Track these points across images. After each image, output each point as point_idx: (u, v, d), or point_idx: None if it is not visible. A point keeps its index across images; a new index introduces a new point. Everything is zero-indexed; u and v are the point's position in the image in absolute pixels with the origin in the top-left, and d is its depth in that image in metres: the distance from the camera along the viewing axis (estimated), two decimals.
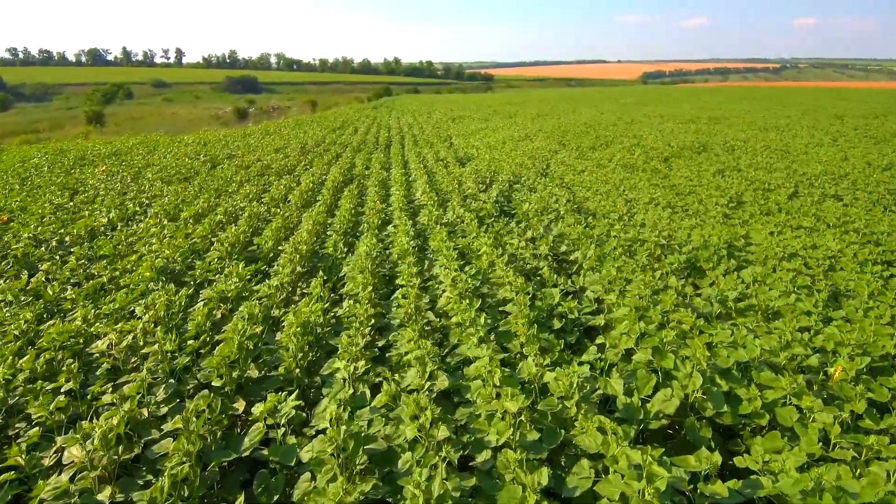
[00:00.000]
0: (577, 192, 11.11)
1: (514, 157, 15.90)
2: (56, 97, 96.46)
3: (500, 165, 14.31)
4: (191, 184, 12.67)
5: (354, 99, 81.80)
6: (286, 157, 16.80)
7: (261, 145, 19.75)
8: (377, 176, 12.88)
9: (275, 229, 8.38)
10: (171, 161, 15.63)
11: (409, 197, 11.24)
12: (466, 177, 12.26)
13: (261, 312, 5.24)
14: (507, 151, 17.26)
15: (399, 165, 14.81)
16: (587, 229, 8.04)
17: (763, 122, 26.01)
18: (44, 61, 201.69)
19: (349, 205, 9.98)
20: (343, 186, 12.66)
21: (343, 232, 8.66)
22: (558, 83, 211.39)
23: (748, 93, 69.66)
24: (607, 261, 6.59)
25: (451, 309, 5.20)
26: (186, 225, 8.99)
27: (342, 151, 18.59)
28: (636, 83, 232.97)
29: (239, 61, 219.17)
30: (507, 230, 8.50)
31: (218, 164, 15.97)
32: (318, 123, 30.89)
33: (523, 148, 18.06)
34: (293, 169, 14.80)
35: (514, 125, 27.71)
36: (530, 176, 12.70)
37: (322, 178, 13.38)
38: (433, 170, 14.34)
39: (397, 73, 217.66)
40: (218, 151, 18.39)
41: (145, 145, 21.01)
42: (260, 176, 13.39)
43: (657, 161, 14.98)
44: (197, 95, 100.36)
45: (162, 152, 18.17)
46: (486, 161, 15.18)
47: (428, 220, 8.72)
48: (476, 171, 13.12)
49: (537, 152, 16.89)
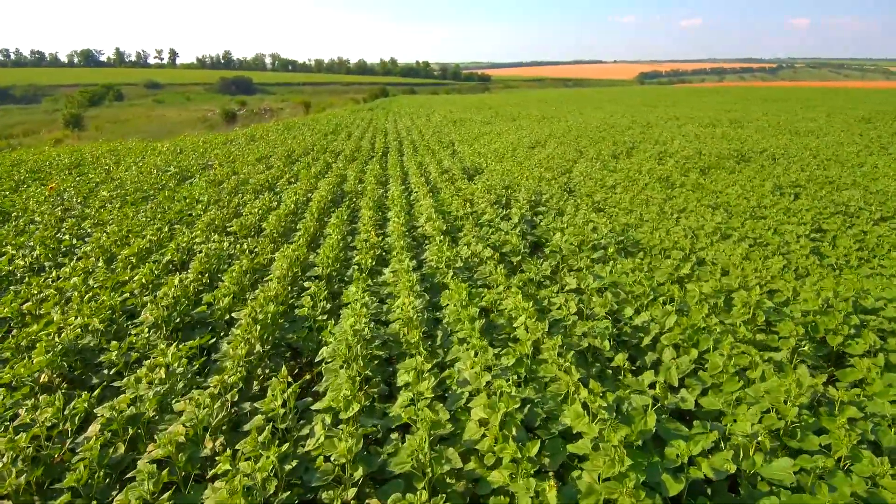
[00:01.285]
0: (615, 215, 9.12)
1: (529, 168, 13.91)
2: (46, 99, 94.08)
3: (515, 180, 12.31)
4: (151, 204, 10.64)
5: (350, 100, 79.78)
6: (268, 169, 14.77)
7: (242, 154, 17.70)
8: (372, 193, 10.88)
9: (236, 277, 6.36)
10: (135, 175, 13.57)
11: (411, 222, 9.23)
12: (479, 196, 10.25)
13: (183, 457, 3.24)
14: (520, 161, 15.26)
15: (397, 179, 12.81)
16: (651, 279, 6.03)
17: (791, 126, 24.09)
18: (36, 62, 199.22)
19: (337, 235, 7.97)
20: (331, 207, 10.65)
21: (327, 276, 6.66)
22: (556, 83, 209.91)
23: (758, 93, 67.95)
24: (701, 338, 4.60)
25: (488, 452, 3.21)
26: (126, 267, 6.97)
27: (333, 161, 16.56)
28: (633, 83, 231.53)
29: (234, 62, 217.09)
30: (541, 273, 6.49)
31: (189, 178, 13.93)
32: (310, 127, 28.84)
33: (537, 156, 16.07)
34: (275, 183, 12.77)
35: (520, 129, 25.73)
36: (553, 193, 10.71)
37: (307, 196, 11.35)
38: (437, 185, 12.33)
39: (393, 73, 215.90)
40: (193, 161, 16.34)
41: (114, 153, 18.93)
42: (233, 194, 11.36)
43: (695, 173, 13.02)
44: (188, 97, 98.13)
45: (129, 162, 16.11)
46: (497, 173, 13.17)
47: (437, 261, 6.71)
48: (489, 187, 11.12)
49: (553, 162, 14.90)
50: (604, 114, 34.53)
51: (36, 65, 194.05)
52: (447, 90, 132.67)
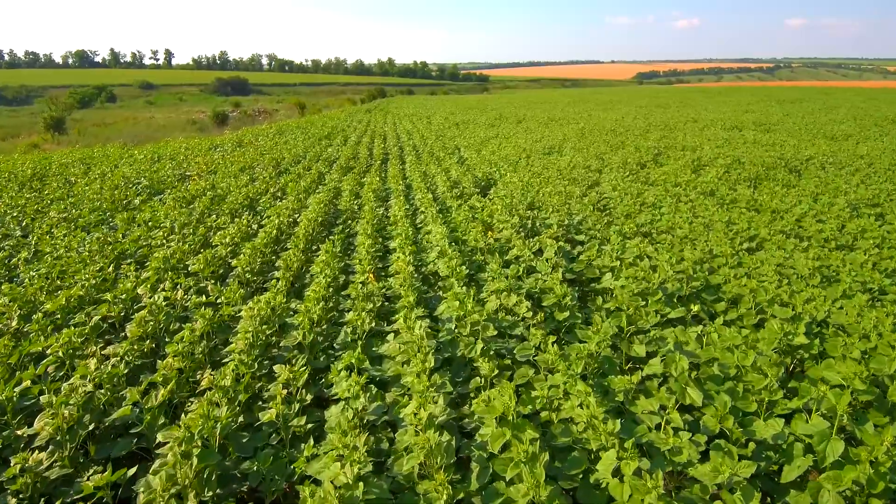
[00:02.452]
0: (672, 245, 7.37)
1: (550, 180, 12.15)
2: (37, 101, 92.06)
3: (537, 196, 10.55)
4: (104, 229, 8.86)
5: (347, 101, 78.03)
6: (252, 182, 12.98)
7: (225, 162, 15.90)
8: (371, 214, 9.11)
9: (183, 348, 4.60)
10: (97, 190, 11.77)
11: (419, 254, 7.46)
12: (499, 219, 8.47)
13: None
14: (537, 171, 13.50)
15: (400, 194, 11.03)
16: (758, 352, 4.28)
17: (821, 129, 22.39)
18: (30, 63, 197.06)
19: (326, 276, 6.21)
20: (322, 232, 8.88)
21: (310, 344, 4.90)
22: (553, 83, 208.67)
23: (771, 94, 66.40)
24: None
25: None
26: (45, 329, 5.19)
27: (327, 171, 14.78)
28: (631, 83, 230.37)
29: (230, 62, 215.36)
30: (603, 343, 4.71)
31: (161, 192, 12.14)
32: (304, 131, 27.04)
33: (555, 165, 14.31)
34: (258, 200, 10.98)
35: (529, 132, 23.99)
36: (587, 214, 8.95)
37: (294, 218, 9.58)
38: (446, 201, 10.57)
39: (391, 73, 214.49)
40: (169, 171, 14.56)
41: (86, 161, 17.13)
42: (205, 215, 9.57)
43: (744, 186, 11.29)
44: (181, 98, 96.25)
45: (97, 173, 14.31)
46: (515, 187, 11.40)
47: (459, 325, 4.93)
48: (509, 206, 9.36)
49: (575, 171, 13.15)
50: (614, 115, 32.79)
51: (30, 66, 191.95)
52: (445, 91, 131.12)
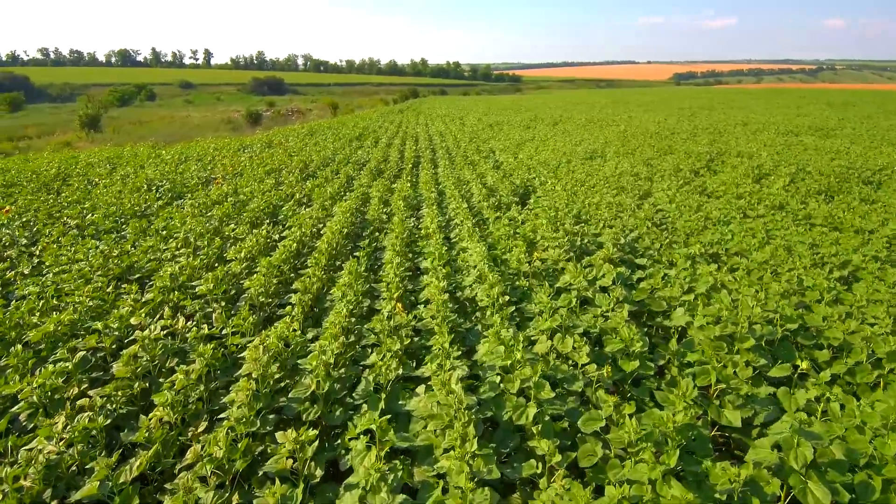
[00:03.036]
0: (750, 272, 6.31)
1: (595, 189, 11.14)
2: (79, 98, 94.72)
3: (583, 206, 9.56)
4: (113, 238, 8.24)
5: (379, 101, 77.81)
6: (277, 187, 12.31)
7: (252, 164, 15.32)
8: (401, 225, 8.26)
9: (175, 399, 3.82)
10: (116, 193, 11.26)
11: (454, 277, 6.57)
12: (544, 235, 7.52)
13: None
14: (580, 178, 12.47)
15: (432, 203, 10.18)
16: None
17: (886, 136, 20.71)
18: (74, 61, 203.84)
19: (347, 303, 5.39)
20: (347, 245, 8.08)
21: (325, 394, 4.06)
22: (588, 84, 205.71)
23: (819, 96, 63.59)
24: None
25: None
26: (24, 365, 4.49)
27: (356, 175, 14.04)
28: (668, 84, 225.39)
29: (266, 62, 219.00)
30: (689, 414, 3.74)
31: (182, 196, 11.56)
32: (335, 131, 26.48)
33: (599, 171, 13.25)
34: (280, 208, 10.26)
35: (567, 134, 22.89)
36: (643, 231, 7.93)
37: (318, 228, 8.81)
38: (483, 211, 9.66)
39: (424, 74, 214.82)
40: (194, 173, 14.03)
41: (112, 162, 16.80)
42: (223, 224, 8.88)
43: (816, 200, 10.08)
44: (218, 97, 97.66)
45: (120, 175, 13.87)
46: (558, 196, 10.43)
47: (505, 381, 4.04)
48: (554, 220, 8.40)
49: (623, 179, 12.10)
50: (656, 117, 31.34)
51: (75, 64, 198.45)
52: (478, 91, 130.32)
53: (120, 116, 47.17)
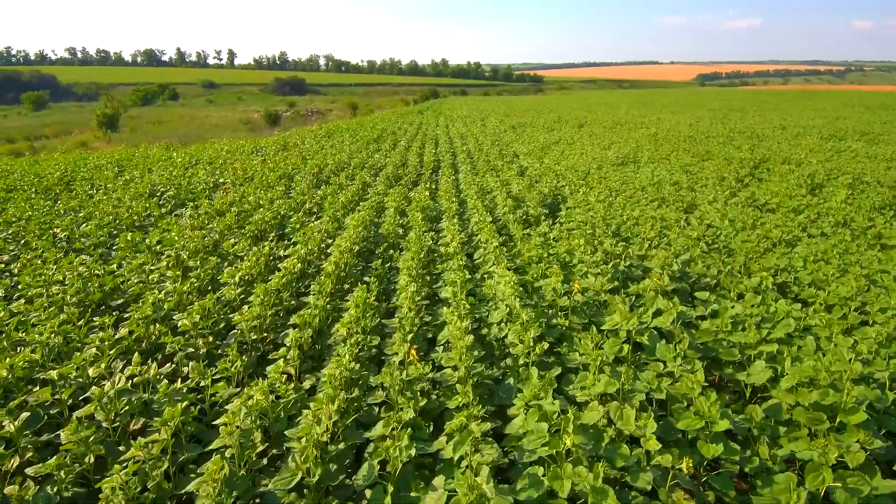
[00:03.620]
0: (837, 312, 5.27)
1: (633, 199, 10.13)
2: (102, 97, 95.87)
3: (622, 221, 8.56)
4: (99, 254, 7.49)
5: (400, 101, 77.18)
6: (287, 194, 11.51)
7: (264, 169, 14.57)
8: (418, 242, 7.36)
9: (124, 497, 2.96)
10: (115, 201, 10.56)
11: (479, 311, 5.64)
12: (582, 258, 6.55)
13: None
14: (614, 187, 11.45)
15: (453, 216, 9.25)
16: None
17: None
18: (101, 61, 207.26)
19: (351, 348, 4.50)
20: (358, 265, 7.19)
21: (315, 483, 3.18)
22: (610, 84, 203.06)
23: (852, 98, 61.38)
24: None
25: None
26: None
27: (372, 181, 13.18)
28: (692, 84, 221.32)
29: (289, 63, 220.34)
30: None
31: (186, 204, 10.83)
32: (353, 133, 25.72)
33: (635, 179, 12.21)
34: (288, 218, 9.43)
35: (594, 137, 21.81)
36: (694, 253, 6.91)
37: (324, 246, 7.94)
38: (509, 225, 8.73)
39: (444, 74, 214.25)
40: (203, 178, 13.32)
41: (121, 164, 16.21)
42: (224, 238, 8.08)
43: (880, 216, 8.94)
44: (239, 97, 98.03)
45: (125, 180, 13.23)
46: (593, 209, 9.44)
47: (551, 480, 3.13)
48: (591, 239, 7.43)
49: (663, 189, 11.06)
50: (686, 119, 30.02)
51: (101, 63, 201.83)
52: (499, 91, 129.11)
53: (140, 116, 47.14)
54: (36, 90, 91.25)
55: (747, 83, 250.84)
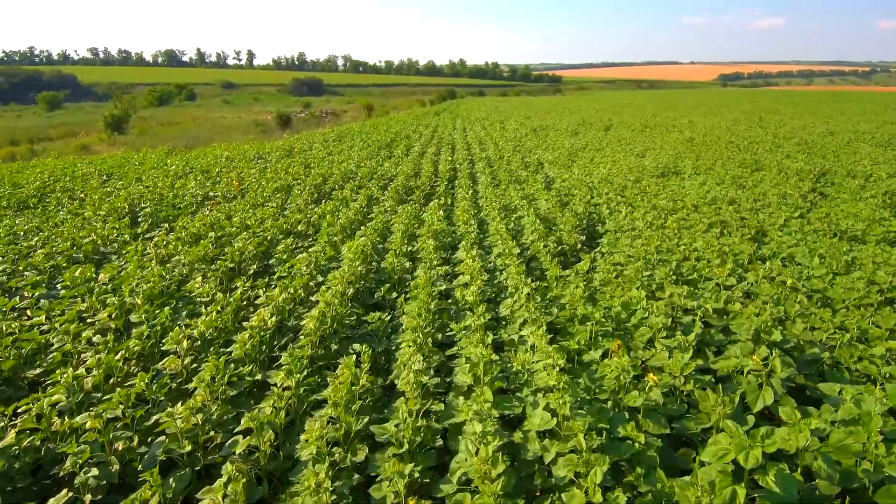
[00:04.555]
0: None
1: (685, 221, 8.50)
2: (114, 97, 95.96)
3: (681, 254, 6.94)
4: (35, 294, 6.09)
5: (416, 101, 75.81)
6: (281, 211, 10.06)
7: (261, 179, 13.17)
8: (426, 291, 5.80)
9: None
10: (81, 221, 9.21)
11: (508, 399, 4.09)
12: (648, 324, 4.97)
13: None
14: (661, 205, 9.80)
15: (472, 245, 7.68)
16: None
17: None
18: (122, 61, 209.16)
19: (324, 492, 2.99)
20: (349, 318, 5.65)
21: None
22: (629, 85, 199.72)
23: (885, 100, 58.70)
24: None
25: None
26: None
27: (380, 195, 11.68)
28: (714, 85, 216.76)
29: (307, 63, 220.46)
30: None
31: (164, 222, 9.42)
32: (365, 137, 24.29)
33: (682, 194, 10.54)
34: (274, 245, 7.93)
35: (624, 143, 20.09)
36: (800, 316, 5.28)
37: (314, 284, 6.44)
38: (540, 258, 7.16)
39: (462, 74, 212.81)
40: (193, 190, 11.94)
41: (111, 170, 14.94)
42: (192, 273, 6.63)
43: None
44: (256, 98, 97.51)
45: (110, 189, 11.91)
46: (643, 237, 7.83)
47: None
48: (647, 280, 5.84)
49: (722, 210, 9.39)
50: (720, 121, 28.10)
51: (122, 63, 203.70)
52: (517, 92, 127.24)
53: (153, 117, 46.32)
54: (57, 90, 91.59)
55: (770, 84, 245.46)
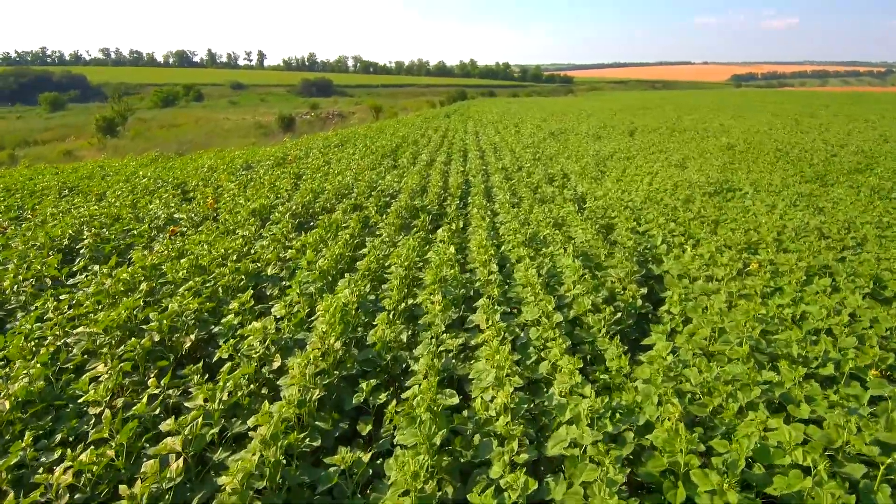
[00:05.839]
0: None
1: (777, 268, 6.45)
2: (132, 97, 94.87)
3: (796, 337, 4.90)
4: None
5: (426, 102, 73.88)
6: (250, 246, 8.08)
7: (239, 198, 11.26)
8: (429, 391, 3.85)
9: None
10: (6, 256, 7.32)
11: None
12: (782, 474, 2.97)
13: None
14: (733, 237, 7.73)
15: (492, 308, 5.63)
16: None
17: None
18: (133, 62, 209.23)
19: None
20: (315, 442, 3.67)
21: None
22: (641, 85, 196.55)
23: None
24: None
25: None
26: None
27: (377, 221, 9.69)
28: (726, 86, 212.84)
29: (317, 64, 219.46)
30: None
31: (113, 253, 7.50)
32: (369, 142, 22.34)
33: (759, 224, 8.46)
34: (225, 303, 5.96)
35: (656, 149, 17.99)
36: None
37: (268, 374, 4.47)
38: (589, 325, 5.16)
39: (472, 75, 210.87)
40: (156, 210, 10.06)
41: (74, 183, 13.11)
42: (86, 365, 4.68)
43: None
44: (263, 99, 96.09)
45: (66, 206, 10.05)
46: (720, 288, 5.79)
47: None
48: (752, 376, 3.82)
49: (804, 237, 7.32)
50: (755, 125, 25.83)
51: (134, 64, 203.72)
52: (528, 93, 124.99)
53: (153, 118, 44.71)
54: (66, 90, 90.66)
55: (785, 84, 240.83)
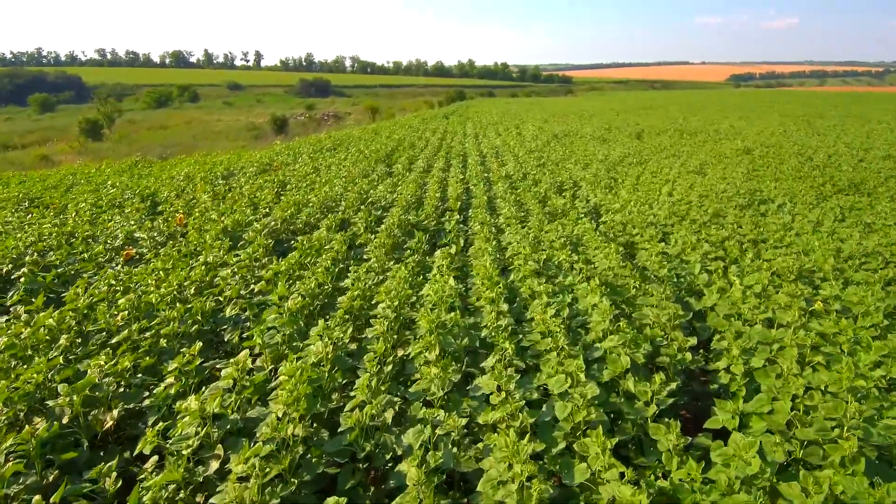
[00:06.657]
0: None
1: (833, 302, 5.29)
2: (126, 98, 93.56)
3: (874, 410, 3.75)
4: None
5: (424, 103, 72.69)
6: (218, 270, 6.90)
7: (214, 212, 10.09)
8: (423, 485, 2.72)
9: None
10: None
11: None
12: None
13: None
14: (779, 263, 6.58)
15: (501, 364, 4.50)
16: None
17: None
18: (130, 62, 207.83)
19: None
20: None
21: None
22: (640, 85, 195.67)
23: None
24: None
25: None
26: None
27: (364, 244, 8.51)
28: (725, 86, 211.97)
29: (315, 64, 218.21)
30: None
31: (55, 286, 6.31)
32: (364, 145, 21.17)
33: (803, 241, 7.31)
34: (164, 358, 4.80)
35: (668, 153, 16.85)
36: None
37: (223, 468, 3.31)
38: (628, 386, 4.00)
39: (471, 75, 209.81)
40: (115, 229, 8.89)
41: (36, 195, 11.93)
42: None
43: None
44: (259, 99, 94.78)
45: (15, 222, 8.87)
46: (781, 336, 4.63)
47: None
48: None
49: (860, 261, 6.17)
50: (767, 127, 24.71)
51: (130, 65, 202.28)
52: (527, 93, 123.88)
53: (144, 120, 43.48)
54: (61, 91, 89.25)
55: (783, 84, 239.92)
